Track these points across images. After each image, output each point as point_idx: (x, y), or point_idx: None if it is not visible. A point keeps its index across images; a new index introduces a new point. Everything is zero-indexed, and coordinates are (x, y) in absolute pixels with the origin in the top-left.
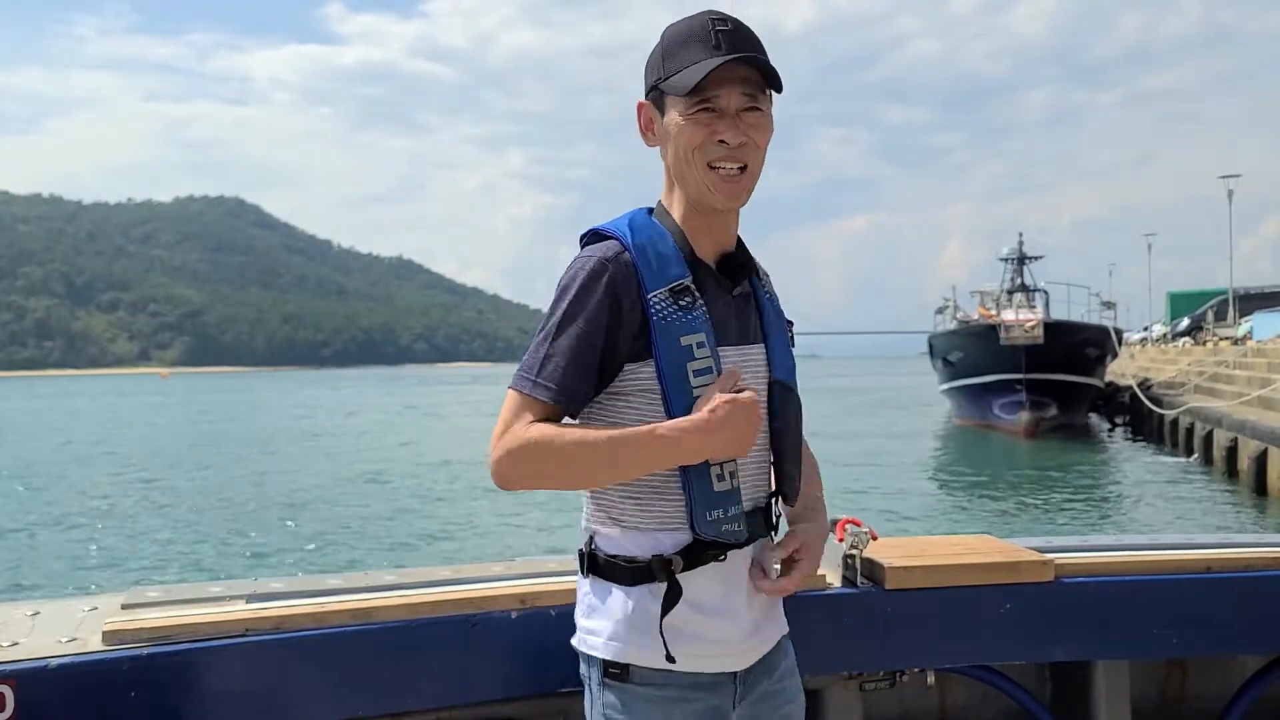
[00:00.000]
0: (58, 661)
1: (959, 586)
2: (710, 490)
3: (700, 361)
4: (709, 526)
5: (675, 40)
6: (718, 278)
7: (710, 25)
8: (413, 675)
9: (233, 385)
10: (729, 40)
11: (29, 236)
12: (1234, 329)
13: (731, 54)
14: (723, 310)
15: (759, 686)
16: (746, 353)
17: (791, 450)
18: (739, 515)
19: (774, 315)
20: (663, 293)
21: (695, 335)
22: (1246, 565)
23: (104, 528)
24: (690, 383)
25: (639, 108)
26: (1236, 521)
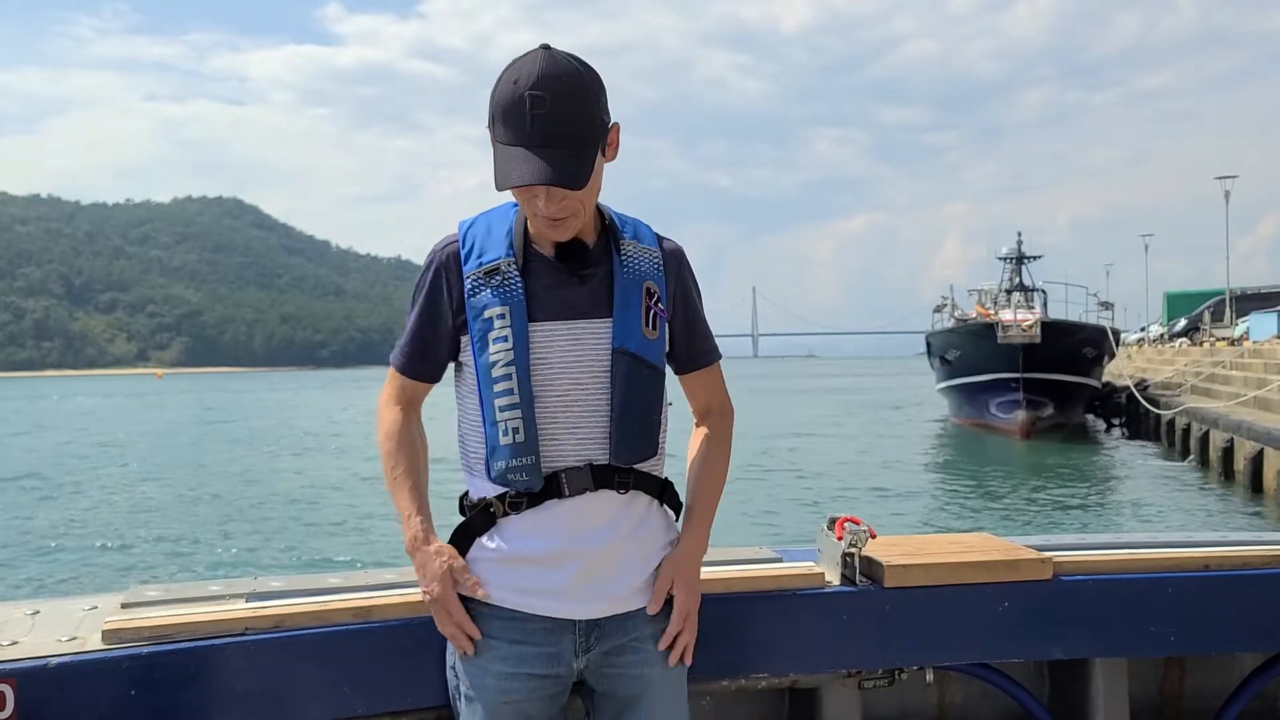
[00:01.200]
0: (58, 661)
1: (957, 585)
2: (498, 443)
3: (498, 331)
4: (496, 474)
5: (498, 106)
6: (550, 260)
7: (527, 104)
8: (412, 674)
9: (229, 385)
10: (540, 129)
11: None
12: (1231, 329)
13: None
14: (552, 290)
15: (612, 640)
16: (577, 326)
17: (630, 416)
18: (526, 467)
19: (627, 289)
20: (476, 273)
21: (496, 309)
22: (1244, 563)
23: (103, 527)
24: (489, 348)
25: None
26: (1233, 522)
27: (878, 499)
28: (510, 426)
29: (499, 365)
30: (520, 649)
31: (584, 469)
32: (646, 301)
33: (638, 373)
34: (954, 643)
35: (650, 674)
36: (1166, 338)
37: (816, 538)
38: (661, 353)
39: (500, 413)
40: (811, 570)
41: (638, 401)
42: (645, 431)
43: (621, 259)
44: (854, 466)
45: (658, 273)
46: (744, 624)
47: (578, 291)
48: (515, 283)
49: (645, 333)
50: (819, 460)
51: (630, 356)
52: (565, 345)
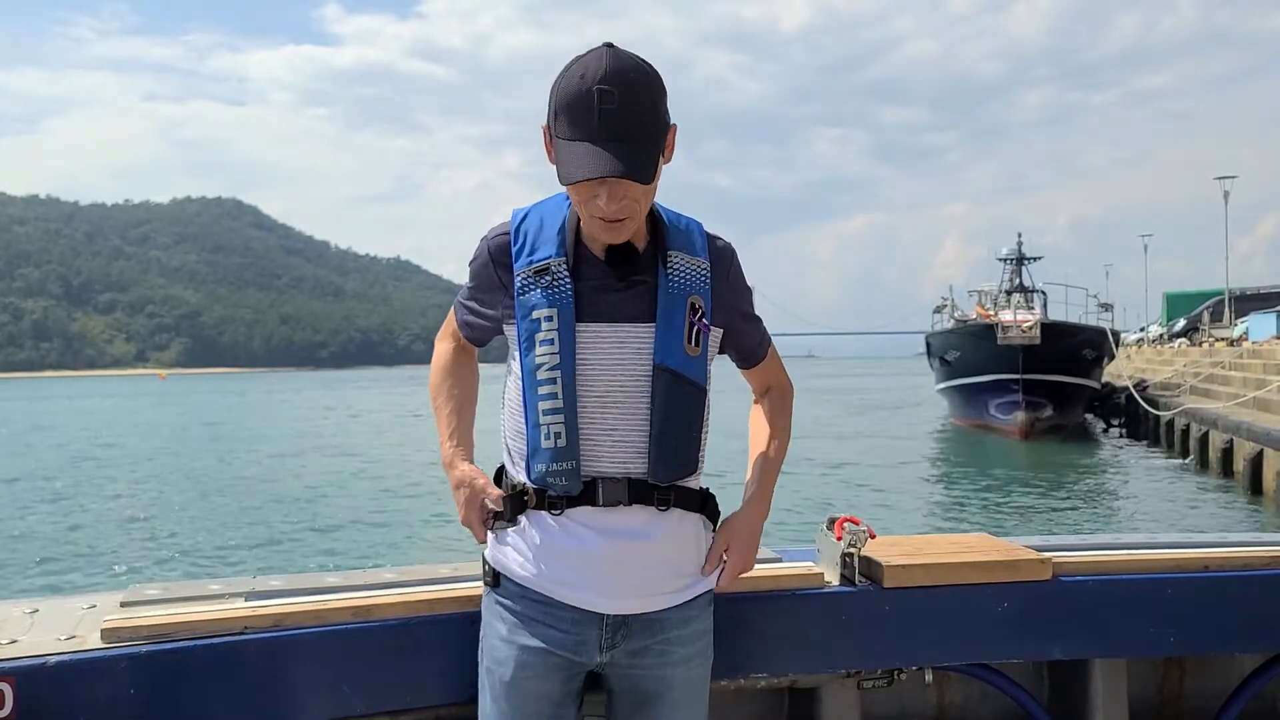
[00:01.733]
0: (56, 659)
1: (957, 585)
2: (539, 446)
3: (545, 333)
4: (536, 476)
5: (564, 103)
6: (601, 262)
7: (595, 101)
8: (412, 673)
9: (231, 386)
10: (607, 125)
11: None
12: (1230, 330)
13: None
14: (600, 292)
15: (637, 640)
16: (622, 330)
17: (670, 433)
18: (566, 472)
19: (671, 304)
20: (526, 271)
21: (545, 310)
22: (1244, 564)
23: (103, 526)
24: (535, 351)
25: (544, 130)
26: (1232, 522)
27: (877, 499)
28: (553, 430)
29: (544, 369)
30: (547, 631)
31: (621, 481)
32: (690, 317)
33: (678, 390)
34: (953, 643)
35: (673, 675)
36: (1166, 338)
37: (816, 538)
38: (704, 369)
39: (544, 416)
40: (811, 570)
41: (677, 419)
42: (685, 450)
43: (668, 272)
44: (853, 467)
45: (704, 285)
46: (743, 624)
47: (625, 296)
48: (565, 283)
49: (687, 349)
50: (818, 461)
51: (671, 374)
52: (609, 349)
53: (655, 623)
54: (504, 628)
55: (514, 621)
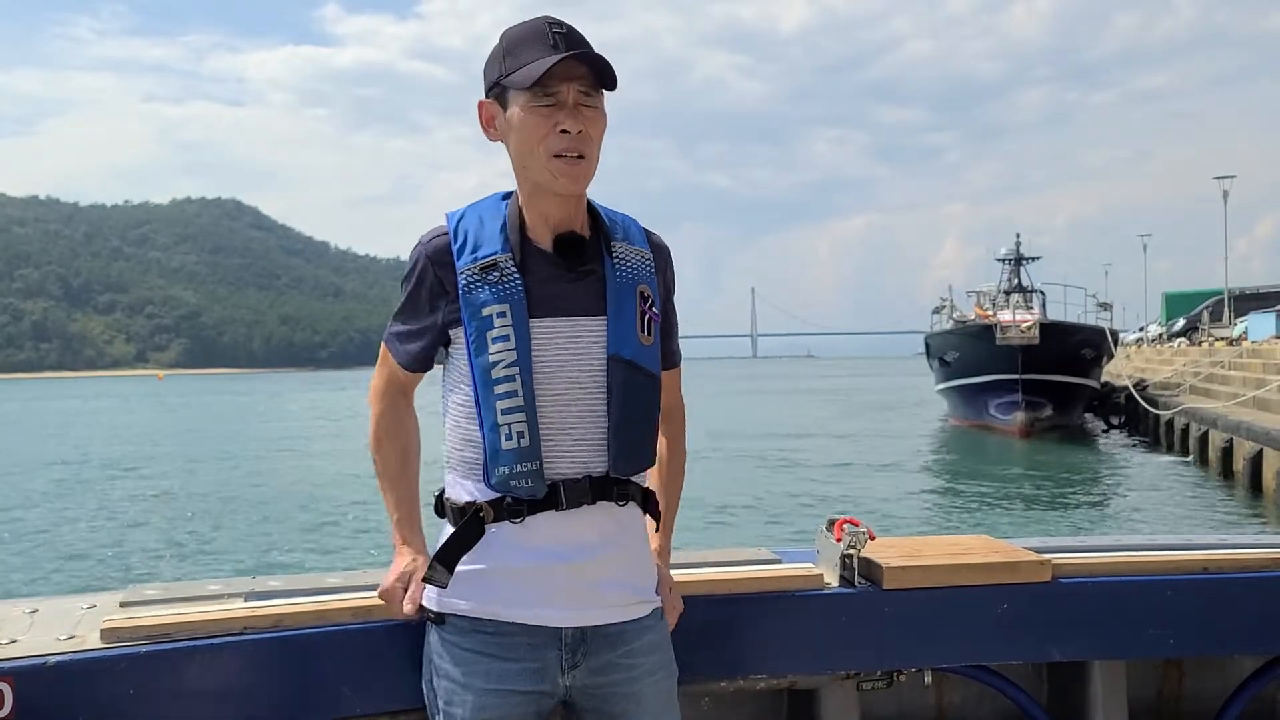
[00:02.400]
0: (56, 659)
1: (956, 586)
2: (499, 448)
3: (499, 330)
4: (498, 481)
5: (515, 41)
6: (548, 255)
7: (547, 28)
8: (411, 674)
9: (229, 387)
10: (565, 41)
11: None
12: (1229, 329)
13: (574, 52)
14: (549, 285)
15: (600, 656)
16: (575, 323)
17: (630, 425)
18: (531, 473)
19: (621, 293)
20: (471, 268)
21: (496, 306)
22: (1243, 566)
23: (103, 526)
24: (488, 348)
25: (480, 106)
26: (1232, 522)
27: (877, 500)
28: (515, 430)
29: (500, 366)
30: (502, 665)
31: (582, 481)
32: (641, 306)
33: (634, 380)
34: (953, 644)
35: (641, 690)
36: (1165, 338)
37: (815, 539)
38: (657, 358)
39: (503, 416)
40: (810, 571)
41: (636, 411)
42: (644, 441)
43: (614, 260)
44: (853, 468)
45: (649, 274)
46: (743, 625)
47: (575, 288)
48: (514, 278)
49: (641, 339)
50: (818, 462)
51: (626, 364)
52: (564, 343)
53: (615, 636)
54: (456, 670)
55: (466, 661)
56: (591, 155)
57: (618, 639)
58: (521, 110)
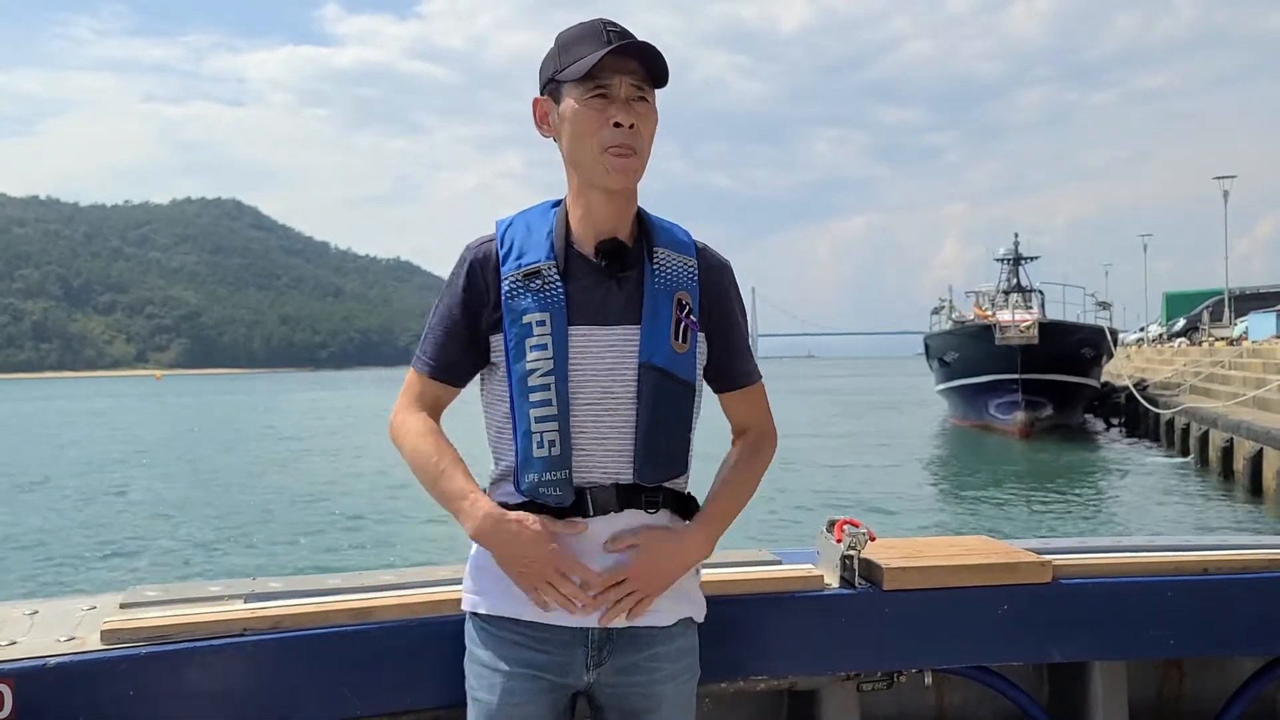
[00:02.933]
0: (56, 660)
1: (957, 587)
2: (530, 455)
3: (537, 338)
4: (527, 487)
5: (570, 39)
6: (591, 261)
7: (602, 26)
8: (411, 675)
9: (229, 387)
10: (619, 38)
11: (25, 239)
12: (1229, 329)
13: (625, 42)
14: (590, 292)
15: (624, 657)
16: (611, 332)
17: (658, 432)
18: (559, 481)
19: (657, 300)
20: (515, 275)
21: (536, 314)
22: (1244, 567)
23: (103, 527)
24: (526, 357)
25: (535, 103)
26: (1232, 522)
27: (877, 501)
28: (546, 439)
29: (537, 374)
30: (530, 654)
31: (610, 488)
32: (677, 313)
33: (665, 388)
34: (953, 645)
35: (662, 691)
36: (1165, 338)
37: (815, 540)
38: (693, 366)
39: (536, 424)
40: (810, 573)
41: (665, 418)
42: (673, 449)
43: (654, 267)
44: (853, 468)
45: (691, 282)
46: (743, 626)
47: (614, 295)
48: (556, 287)
49: (674, 346)
50: (818, 462)
51: (657, 371)
52: (598, 351)
53: (640, 638)
54: (486, 654)
55: (496, 647)
56: (643, 151)
57: (643, 642)
58: (575, 104)
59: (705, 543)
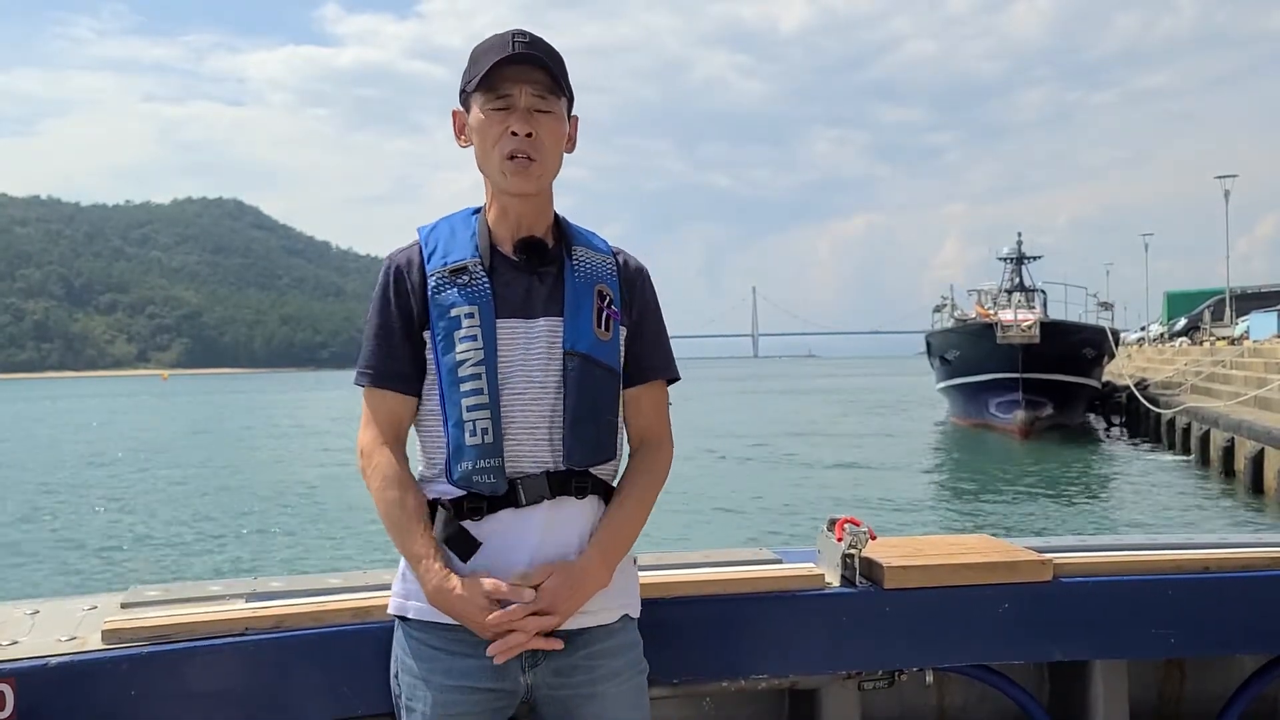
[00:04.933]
0: (57, 660)
1: (957, 586)
2: (463, 444)
3: (466, 329)
4: (460, 476)
5: (479, 50)
6: (513, 259)
7: (510, 37)
8: None
9: (234, 386)
10: (524, 48)
11: (27, 238)
12: (1231, 329)
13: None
14: (513, 287)
15: (560, 658)
16: (535, 324)
17: (584, 418)
18: (493, 469)
19: (578, 292)
20: (441, 271)
21: (465, 307)
22: (1244, 565)
23: (104, 527)
24: (456, 347)
25: (454, 115)
26: (1233, 521)
27: (877, 500)
28: (479, 427)
29: (468, 364)
30: (464, 662)
31: (540, 476)
32: (598, 303)
33: (590, 373)
34: (954, 644)
35: (604, 690)
36: (1166, 337)
37: (816, 539)
38: (616, 354)
39: (468, 413)
40: (811, 571)
41: (592, 403)
42: (600, 434)
43: (573, 262)
44: (854, 467)
45: (611, 277)
46: (744, 625)
47: (536, 289)
48: (483, 281)
49: (598, 334)
50: (819, 461)
51: (581, 358)
52: (524, 343)
53: (577, 637)
54: (416, 664)
55: (427, 657)
56: (545, 158)
57: (580, 641)
58: (479, 113)
59: (604, 572)
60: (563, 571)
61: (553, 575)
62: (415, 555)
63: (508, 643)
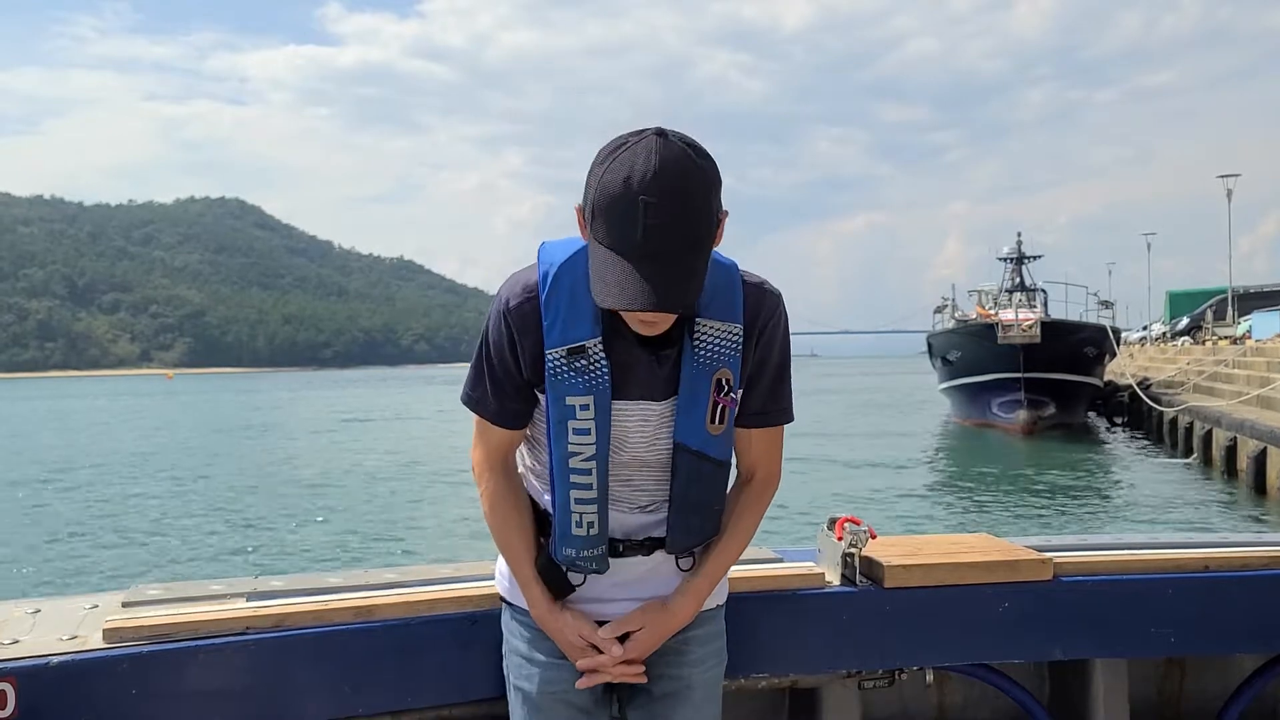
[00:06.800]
0: (58, 659)
1: (958, 585)
2: (569, 532)
3: (581, 421)
4: (564, 559)
5: (602, 203)
6: (634, 336)
7: (640, 210)
8: (412, 673)
9: (237, 385)
10: (648, 242)
11: (30, 238)
12: (1233, 328)
13: (639, 301)
14: (631, 370)
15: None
16: (648, 408)
17: (690, 510)
18: (597, 557)
19: (696, 380)
20: (559, 350)
21: (581, 398)
22: (1244, 565)
23: (105, 526)
24: (568, 439)
25: (578, 210)
26: (1235, 520)
27: (878, 499)
28: (585, 520)
29: (579, 459)
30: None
31: (643, 543)
32: (715, 396)
33: (699, 468)
34: (954, 643)
35: (691, 675)
36: (1169, 336)
37: (817, 538)
38: (727, 446)
39: (575, 504)
40: (812, 570)
41: (698, 496)
42: (705, 524)
43: (694, 344)
44: (855, 467)
45: (734, 355)
46: (744, 624)
47: (654, 372)
48: (602, 366)
49: (710, 429)
50: (819, 460)
51: (691, 453)
52: (635, 425)
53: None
54: (522, 644)
55: (531, 638)
56: (666, 323)
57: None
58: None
59: (692, 612)
60: (654, 623)
61: (644, 629)
62: (522, 580)
63: (592, 680)
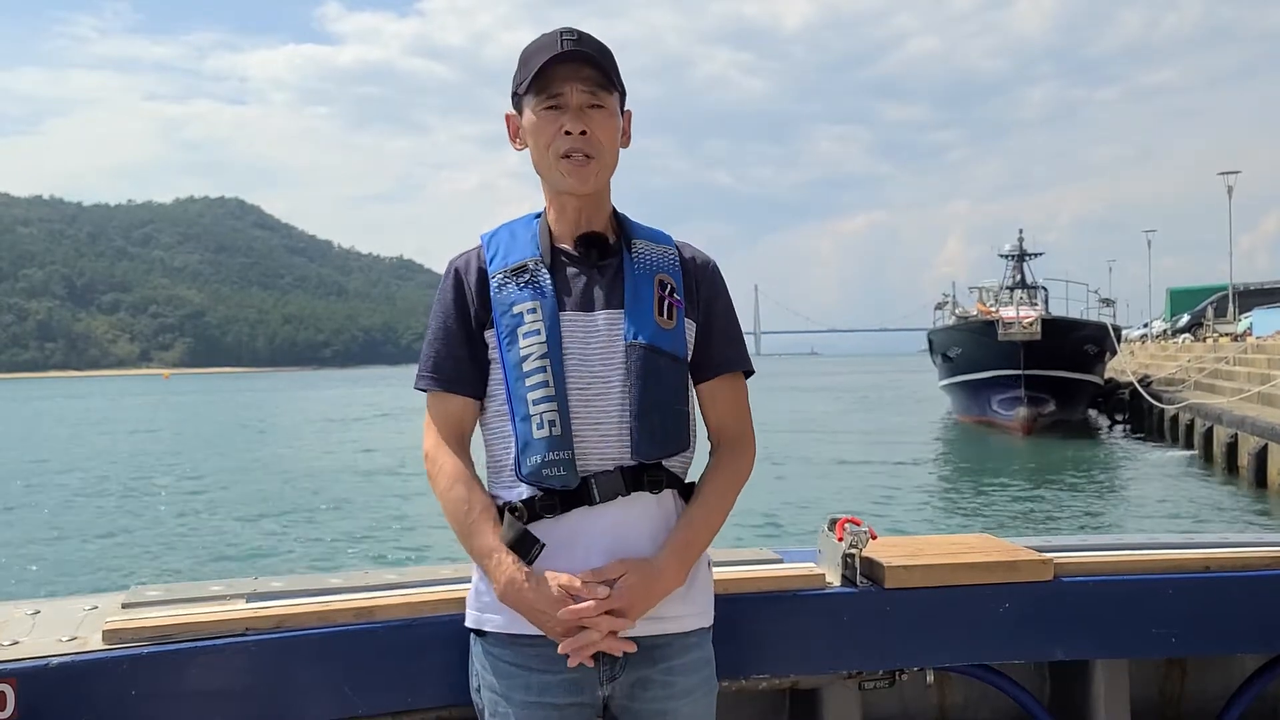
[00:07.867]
0: (58, 660)
1: (958, 586)
2: (531, 438)
3: (530, 325)
4: (529, 471)
5: (528, 52)
6: (573, 254)
7: (558, 36)
8: (413, 674)
9: (235, 385)
10: (573, 46)
11: (30, 238)
12: (1234, 325)
13: (568, 49)
14: (574, 281)
15: (637, 670)
16: (596, 318)
17: (652, 409)
18: (563, 462)
19: (638, 283)
20: (503, 272)
21: (527, 303)
22: (1245, 565)
23: (105, 527)
24: (520, 342)
25: (507, 119)
26: (1236, 517)
27: (879, 499)
28: (546, 419)
29: (532, 359)
30: (542, 677)
31: (614, 472)
32: (659, 292)
33: (654, 363)
34: (955, 644)
35: (676, 708)
36: (1170, 334)
37: (817, 539)
38: (682, 341)
39: (534, 406)
40: (812, 571)
41: (658, 393)
42: (669, 423)
43: (633, 255)
44: (855, 465)
45: (673, 268)
46: (745, 625)
47: (597, 283)
48: (544, 278)
49: (659, 322)
50: (820, 460)
51: (643, 348)
52: (585, 337)
53: (655, 649)
54: (497, 682)
55: (506, 674)
56: (599, 155)
57: (658, 654)
58: (532, 114)
59: (679, 573)
60: (638, 569)
61: (628, 573)
62: (485, 550)
63: (579, 641)
